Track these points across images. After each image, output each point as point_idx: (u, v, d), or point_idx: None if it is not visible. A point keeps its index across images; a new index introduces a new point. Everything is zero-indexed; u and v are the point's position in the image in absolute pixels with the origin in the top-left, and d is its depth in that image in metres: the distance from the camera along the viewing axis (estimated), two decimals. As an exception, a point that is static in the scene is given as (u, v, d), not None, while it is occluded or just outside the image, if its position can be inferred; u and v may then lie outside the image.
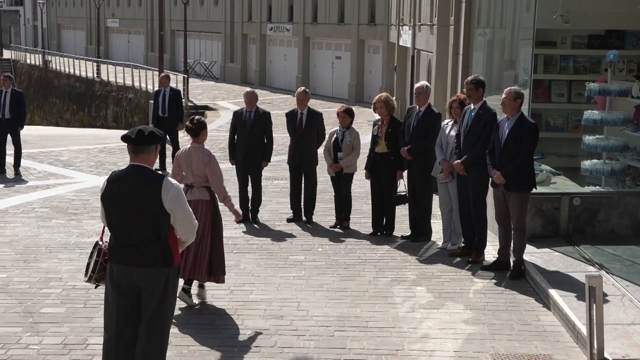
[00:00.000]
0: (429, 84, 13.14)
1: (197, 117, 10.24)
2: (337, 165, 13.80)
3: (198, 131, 10.05)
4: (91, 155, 22.86)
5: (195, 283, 10.16)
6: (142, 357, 7.09)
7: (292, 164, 14.52)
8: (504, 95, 11.00)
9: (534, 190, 11.24)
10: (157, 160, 15.57)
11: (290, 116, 14.46)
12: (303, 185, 14.47)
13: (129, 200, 6.96)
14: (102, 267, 7.32)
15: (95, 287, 7.73)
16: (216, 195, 10.10)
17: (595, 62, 14.99)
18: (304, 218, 14.46)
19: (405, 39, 33.10)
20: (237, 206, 10.09)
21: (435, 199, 13.12)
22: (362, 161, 13.86)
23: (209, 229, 9.94)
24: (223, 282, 10.25)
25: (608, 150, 13.14)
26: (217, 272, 10.06)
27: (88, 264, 7.48)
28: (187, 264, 9.83)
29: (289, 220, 14.44)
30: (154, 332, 7.08)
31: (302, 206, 14.50)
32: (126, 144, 7.10)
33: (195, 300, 10.08)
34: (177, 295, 9.75)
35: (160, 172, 7.76)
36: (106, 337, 7.17)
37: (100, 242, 7.44)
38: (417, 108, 12.87)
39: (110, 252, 7.14)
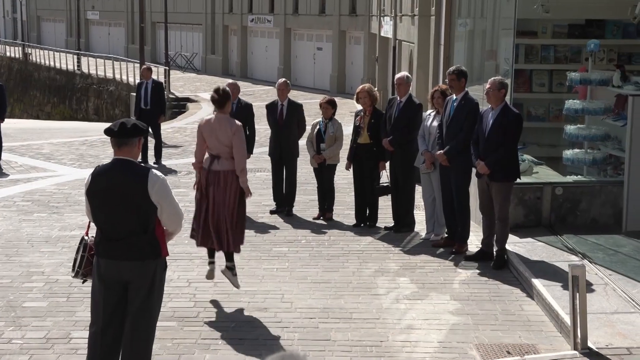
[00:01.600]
0: (409, 75, 13.13)
1: (221, 86, 10.02)
2: (320, 157, 13.79)
3: (224, 102, 9.81)
4: (72, 148, 22.75)
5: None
6: (129, 351, 7.07)
7: (273, 156, 14.51)
8: (488, 85, 11.01)
9: (517, 180, 11.27)
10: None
11: (271, 108, 14.44)
12: (284, 176, 14.46)
13: (115, 194, 6.92)
14: (89, 262, 7.28)
15: (83, 282, 7.68)
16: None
17: (576, 51, 15.04)
18: (286, 209, 14.45)
19: (387, 30, 33.09)
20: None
21: (418, 190, 13.13)
22: (344, 152, 13.84)
23: (237, 200, 9.81)
24: (239, 252, 10.17)
25: (589, 139, 13.18)
26: (240, 242, 10.04)
27: (75, 260, 7.45)
28: (223, 235, 9.81)
29: (272, 212, 14.42)
30: (140, 326, 7.06)
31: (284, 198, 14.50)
32: (109, 137, 7.07)
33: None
34: (222, 271, 9.93)
35: (142, 164, 7.71)
36: (92, 330, 7.13)
37: (86, 237, 7.40)
38: (398, 99, 12.86)
39: (96, 246, 7.10)
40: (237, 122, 9.86)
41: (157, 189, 6.94)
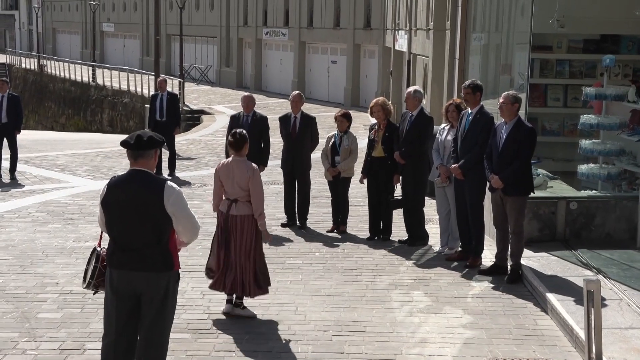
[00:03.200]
0: (418, 89, 13.10)
1: (239, 130, 9.90)
2: (335, 170, 13.80)
3: (241, 145, 9.72)
4: (87, 159, 22.83)
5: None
6: (142, 362, 7.09)
7: (285, 168, 14.51)
8: (501, 100, 11.00)
9: (530, 195, 11.25)
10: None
11: (284, 120, 14.44)
12: (297, 189, 14.46)
13: (131, 205, 6.94)
14: (101, 273, 7.29)
15: (94, 294, 7.70)
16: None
17: (591, 66, 15.02)
18: (298, 223, 14.44)
19: (401, 44, 33.12)
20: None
21: (431, 203, 13.12)
22: (359, 165, 13.85)
23: (254, 244, 9.78)
24: (267, 292, 10.06)
25: (604, 154, 13.15)
26: (265, 285, 9.98)
27: (86, 271, 7.46)
28: (235, 280, 9.77)
29: (283, 225, 14.42)
30: (153, 338, 7.07)
31: (296, 211, 14.49)
32: (125, 149, 7.10)
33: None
34: (230, 312, 9.81)
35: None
36: (105, 342, 7.15)
37: (99, 248, 7.42)
38: (410, 113, 12.89)
39: (109, 257, 7.11)
40: (253, 165, 9.78)
41: (172, 200, 6.96)
